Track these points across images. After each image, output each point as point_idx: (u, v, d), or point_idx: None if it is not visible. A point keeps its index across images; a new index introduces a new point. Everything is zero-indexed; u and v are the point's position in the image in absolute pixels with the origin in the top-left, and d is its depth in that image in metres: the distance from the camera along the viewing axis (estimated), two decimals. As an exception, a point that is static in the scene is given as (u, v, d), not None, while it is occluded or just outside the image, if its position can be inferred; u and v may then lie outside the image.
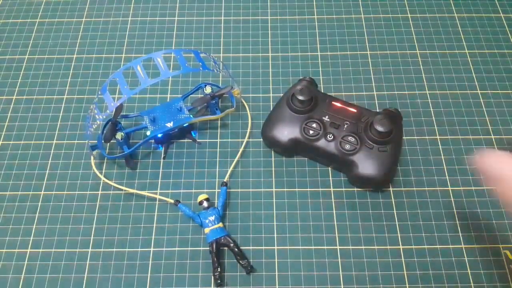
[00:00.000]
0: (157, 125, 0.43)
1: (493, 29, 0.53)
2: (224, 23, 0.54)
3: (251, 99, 0.48)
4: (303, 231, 0.40)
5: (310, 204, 0.41)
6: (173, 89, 0.48)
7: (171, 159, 0.44)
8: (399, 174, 0.43)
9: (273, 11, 0.54)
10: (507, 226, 0.40)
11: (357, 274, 0.38)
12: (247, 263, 0.38)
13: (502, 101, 0.47)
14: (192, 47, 0.52)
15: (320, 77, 0.49)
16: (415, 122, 0.46)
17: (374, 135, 0.39)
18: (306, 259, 0.39)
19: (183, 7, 0.55)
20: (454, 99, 0.47)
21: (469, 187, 0.42)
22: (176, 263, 0.39)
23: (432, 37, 0.52)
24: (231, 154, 0.44)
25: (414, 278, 0.38)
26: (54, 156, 0.44)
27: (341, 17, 0.54)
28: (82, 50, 0.52)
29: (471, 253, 0.39)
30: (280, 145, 0.42)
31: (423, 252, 0.39)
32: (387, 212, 0.41)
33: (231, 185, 0.42)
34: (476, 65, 0.50)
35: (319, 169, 0.43)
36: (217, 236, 0.38)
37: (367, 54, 0.51)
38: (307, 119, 0.41)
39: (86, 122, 0.40)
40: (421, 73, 0.49)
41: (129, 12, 0.55)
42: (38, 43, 0.52)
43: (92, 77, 0.50)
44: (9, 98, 0.48)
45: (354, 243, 0.39)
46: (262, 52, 0.51)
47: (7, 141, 0.45)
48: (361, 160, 0.39)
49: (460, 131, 0.45)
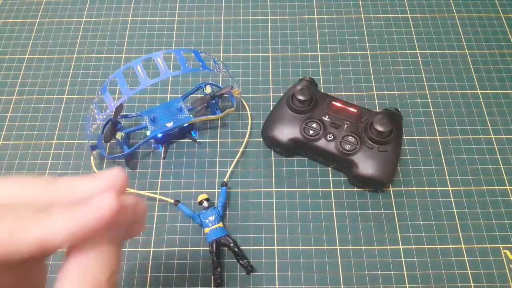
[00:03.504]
0: (157, 125, 0.43)
1: (493, 29, 0.53)
2: (224, 23, 0.54)
3: (251, 99, 0.48)
4: (303, 231, 0.40)
5: (310, 204, 0.41)
6: (173, 89, 0.48)
7: (171, 159, 0.44)
8: (399, 174, 0.43)
9: (273, 11, 0.54)
10: (507, 226, 0.40)
11: (357, 274, 0.38)
12: (247, 263, 0.38)
13: (502, 101, 0.47)
14: (192, 47, 0.52)
15: (320, 77, 0.49)
16: (415, 122, 0.46)
17: (374, 135, 0.39)
18: (306, 259, 0.39)
19: (183, 7, 0.55)
20: (454, 99, 0.47)
21: (469, 187, 0.42)
22: (176, 263, 0.39)
23: (432, 37, 0.52)
24: (231, 154, 0.44)
25: (414, 278, 0.38)
26: (54, 156, 0.44)
27: (341, 17, 0.54)
28: (82, 50, 0.52)
29: (471, 253, 0.39)
30: (280, 145, 0.42)
31: (423, 252, 0.39)
32: (387, 212, 0.41)
33: (231, 185, 0.42)
34: (476, 65, 0.50)
35: (319, 169, 0.43)
36: (217, 236, 0.38)
37: (367, 54, 0.51)
38: (307, 119, 0.41)
39: (86, 122, 0.40)
40: (421, 73, 0.49)
41: (129, 12, 0.55)
42: (38, 43, 0.52)
43: (92, 77, 0.50)
44: (9, 98, 0.48)
45: (354, 243, 0.39)
46: (262, 52, 0.51)
47: (7, 141, 0.45)
48: (361, 160, 0.39)
49: (460, 131, 0.45)
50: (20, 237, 0.16)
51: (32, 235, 0.16)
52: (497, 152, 0.44)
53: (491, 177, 0.43)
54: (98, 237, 0.17)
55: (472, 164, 0.43)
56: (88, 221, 0.16)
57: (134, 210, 0.19)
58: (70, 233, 0.16)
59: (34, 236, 0.16)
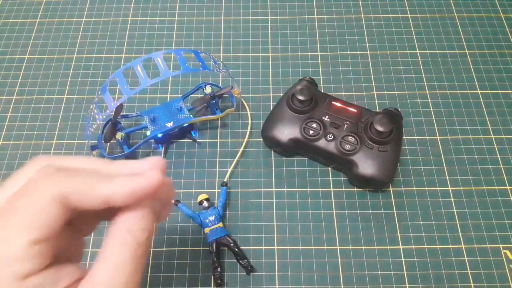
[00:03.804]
0: (157, 125, 0.43)
1: (493, 29, 0.53)
2: (224, 23, 0.54)
3: (251, 99, 0.48)
4: (303, 231, 0.40)
5: (310, 204, 0.41)
6: (173, 89, 0.48)
7: (171, 159, 0.44)
8: (399, 174, 0.43)
9: (273, 11, 0.54)
10: (507, 226, 0.40)
11: (357, 274, 0.38)
12: (247, 263, 0.38)
13: (502, 101, 0.47)
14: (192, 47, 0.52)
15: (320, 77, 0.49)
16: (415, 122, 0.46)
17: (374, 135, 0.39)
18: (306, 259, 0.39)
19: (183, 7, 0.55)
20: (454, 99, 0.47)
21: (469, 187, 0.42)
22: (176, 263, 0.39)
23: (432, 37, 0.52)
24: (231, 154, 0.44)
25: (414, 278, 0.38)
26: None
27: (341, 17, 0.54)
28: (82, 50, 0.52)
29: (471, 253, 0.39)
30: (280, 145, 0.42)
31: (423, 252, 0.39)
32: (387, 212, 0.41)
33: (231, 185, 0.42)
34: (476, 65, 0.50)
35: (319, 169, 0.43)
36: (217, 236, 0.38)
37: (367, 54, 0.51)
38: (307, 119, 0.41)
39: (86, 122, 0.40)
40: (421, 73, 0.49)
41: (129, 12, 0.55)
42: (38, 43, 0.52)
43: (92, 77, 0.50)
44: (9, 98, 0.48)
45: (354, 243, 0.39)
46: (262, 52, 0.51)
47: (7, 141, 0.45)
48: (361, 160, 0.39)
49: (460, 131, 0.45)
50: (91, 191, 0.21)
51: (100, 191, 0.21)
52: (497, 152, 0.44)
53: (491, 177, 0.43)
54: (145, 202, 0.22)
55: (472, 164, 0.43)
56: (142, 186, 0.21)
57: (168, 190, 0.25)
58: (128, 194, 0.21)
59: (102, 192, 0.21)
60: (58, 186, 0.20)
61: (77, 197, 0.20)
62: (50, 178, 0.21)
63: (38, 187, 0.20)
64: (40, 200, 0.20)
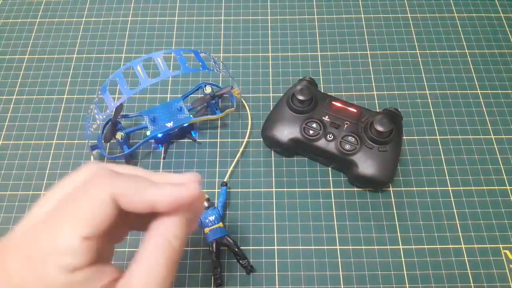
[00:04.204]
0: (157, 125, 0.43)
1: (493, 29, 0.53)
2: (224, 23, 0.54)
3: (251, 99, 0.48)
4: (303, 231, 0.40)
5: (310, 204, 0.41)
6: (173, 89, 0.48)
7: (171, 159, 0.44)
8: (399, 174, 0.43)
9: (273, 11, 0.54)
10: (507, 226, 0.40)
11: (357, 274, 0.38)
12: (247, 263, 0.38)
13: (502, 101, 0.47)
14: (192, 47, 0.52)
15: (320, 77, 0.49)
16: (415, 122, 0.46)
17: (374, 135, 0.39)
18: (306, 259, 0.39)
19: (183, 7, 0.55)
20: (454, 99, 0.47)
21: (469, 187, 0.42)
22: (176, 263, 0.38)
23: (432, 37, 0.52)
24: (231, 154, 0.44)
25: (414, 278, 0.38)
26: (54, 156, 0.44)
27: (341, 17, 0.54)
28: (82, 50, 0.52)
29: (471, 253, 0.39)
30: (280, 145, 0.42)
31: (423, 252, 0.39)
32: (387, 212, 0.41)
33: (231, 185, 0.42)
34: (476, 65, 0.50)
35: (319, 169, 0.43)
36: (217, 236, 0.38)
37: (367, 54, 0.51)
38: (307, 119, 0.41)
39: (86, 122, 0.40)
40: (421, 73, 0.49)
41: (129, 12, 0.55)
42: (38, 43, 0.52)
43: (92, 77, 0.50)
44: (9, 98, 0.48)
45: (354, 243, 0.39)
46: (262, 52, 0.51)
47: (7, 141, 0.45)
48: (361, 160, 0.39)
49: (460, 131, 0.45)
50: (140, 194, 0.22)
51: (148, 196, 0.22)
52: (497, 152, 0.44)
53: (491, 177, 0.43)
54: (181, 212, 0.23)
55: (472, 164, 0.43)
56: (185, 195, 0.23)
57: (201, 203, 0.27)
58: (172, 200, 0.22)
59: (149, 197, 0.22)
60: (112, 186, 0.22)
61: (128, 199, 0.22)
62: (106, 179, 0.22)
63: (95, 186, 0.22)
64: (96, 198, 0.21)
